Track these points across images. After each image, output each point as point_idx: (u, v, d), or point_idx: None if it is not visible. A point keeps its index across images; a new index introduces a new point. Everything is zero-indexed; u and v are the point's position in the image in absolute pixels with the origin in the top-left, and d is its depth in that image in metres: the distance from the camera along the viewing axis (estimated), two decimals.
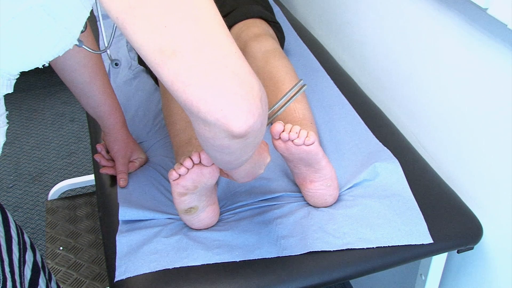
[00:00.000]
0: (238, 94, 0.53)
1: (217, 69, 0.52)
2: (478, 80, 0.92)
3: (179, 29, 0.51)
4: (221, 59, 0.52)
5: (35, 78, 2.75)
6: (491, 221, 0.95)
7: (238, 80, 0.53)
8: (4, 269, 0.77)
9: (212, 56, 0.52)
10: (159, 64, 0.52)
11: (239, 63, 0.54)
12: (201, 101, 0.52)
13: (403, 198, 0.96)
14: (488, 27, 0.86)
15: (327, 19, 1.54)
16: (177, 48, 0.51)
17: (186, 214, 0.89)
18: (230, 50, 0.53)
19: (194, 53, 0.51)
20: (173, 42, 0.51)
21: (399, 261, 0.89)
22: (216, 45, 0.52)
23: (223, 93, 0.52)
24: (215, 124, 0.54)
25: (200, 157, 0.82)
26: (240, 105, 0.53)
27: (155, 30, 0.50)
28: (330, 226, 0.91)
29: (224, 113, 0.53)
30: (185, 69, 0.51)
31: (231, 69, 0.53)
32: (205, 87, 0.52)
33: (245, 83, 0.54)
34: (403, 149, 1.10)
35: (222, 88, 0.52)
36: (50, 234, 1.63)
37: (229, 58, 0.53)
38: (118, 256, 0.88)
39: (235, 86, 0.53)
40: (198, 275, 0.84)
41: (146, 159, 1.09)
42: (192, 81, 0.51)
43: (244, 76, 0.54)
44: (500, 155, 0.90)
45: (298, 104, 1.08)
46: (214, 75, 0.52)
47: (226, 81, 0.52)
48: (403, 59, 1.15)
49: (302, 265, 0.86)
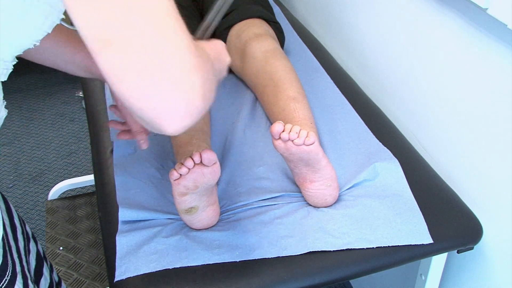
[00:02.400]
0: (174, 93, 0.49)
1: (154, 64, 0.48)
2: (478, 80, 0.92)
3: (119, 18, 0.47)
4: (160, 54, 0.48)
5: (35, 78, 2.75)
6: (491, 221, 0.95)
7: (177, 77, 0.49)
8: (13, 254, 0.78)
9: (151, 50, 0.47)
10: (96, 52, 0.48)
11: (182, 58, 0.49)
12: (134, 97, 0.48)
13: (403, 198, 0.96)
14: (488, 27, 0.86)
15: (327, 19, 1.54)
16: (113, 37, 0.47)
17: (186, 214, 0.89)
18: (173, 44, 0.49)
19: (131, 44, 0.47)
20: (111, 31, 0.47)
21: (399, 261, 0.89)
22: (158, 38, 0.48)
23: (158, 91, 0.48)
24: (148, 122, 0.51)
25: (201, 157, 0.82)
26: (175, 105, 0.49)
27: (94, 16, 0.47)
28: (330, 226, 0.91)
29: (158, 113, 0.49)
30: (120, 61, 0.47)
31: (170, 65, 0.48)
32: (139, 84, 0.48)
33: (185, 81, 0.49)
34: (403, 149, 1.10)
35: (158, 86, 0.48)
36: (50, 234, 1.63)
37: (171, 53, 0.48)
38: (118, 256, 0.87)
39: (173, 84, 0.48)
40: (198, 275, 0.84)
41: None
42: (126, 75, 0.48)
43: (186, 73, 0.49)
44: (500, 155, 0.90)
45: (298, 104, 1.08)
46: (150, 71, 0.47)
47: (163, 79, 0.48)
48: (403, 59, 1.15)
49: (302, 265, 0.86)
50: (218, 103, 1.26)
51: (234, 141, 1.12)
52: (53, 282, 0.98)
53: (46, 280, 0.94)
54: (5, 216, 0.83)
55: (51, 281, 0.97)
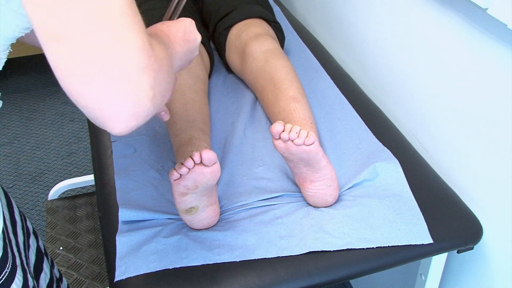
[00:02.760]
0: (121, 94, 0.47)
1: (102, 63, 0.46)
2: (478, 80, 0.92)
3: (69, 13, 0.45)
4: (109, 53, 0.46)
5: (35, 78, 2.75)
6: (491, 221, 0.95)
7: (125, 77, 0.47)
8: (13, 248, 0.78)
9: (99, 48, 0.45)
10: (44, 45, 0.46)
11: (132, 58, 0.47)
12: (79, 95, 0.47)
13: (403, 198, 0.96)
14: (488, 27, 0.86)
15: (327, 19, 1.54)
16: (61, 31, 0.45)
17: (186, 214, 0.89)
18: (124, 43, 0.46)
19: (79, 41, 0.45)
20: (59, 25, 0.45)
21: (399, 261, 0.89)
22: (107, 37, 0.46)
23: (104, 91, 0.46)
24: (94, 120, 0.49)
25: (202, 157, 0.82)
26: (122, 106, 0.47)
27: (45, 10, 0.45)
28: (330, 226, 0.91)
29: (103, 113, 0.48)
30: (67, 57, 0.46)
31: (119, 64, 0.46)
32: (85, 81, 0.46)
33: (133, 82, 0.47)
34: (403, 149, 1.10)
35: (104, 86, 0.46)
36: (50, 234, 1.63)
37: (120, 52, 0.46)
38: (118, 256, 0.88)
39: (120, 84, 0.46)
40: (198, 275, 0.84)
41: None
42: (72, 72, 0.46)
43: (134, 73, 0.47)
44: (500, 155, 0.90)
45: (298, 104, 1.08)
46: (97, 69, 0.46)
47: (110, 78, 0.46)
48: (403, 59, 1.15)
49: (302, 265, 0.86)
50: (218, 103, 1.26)
51: (234, 141, 1.12)
52: (54, 278, 0.98)
53: (46, 275, 0.95)
54: (6, 210, 0.83)
55: (51, 277, 0.97)
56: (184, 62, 0.74)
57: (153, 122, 1.21)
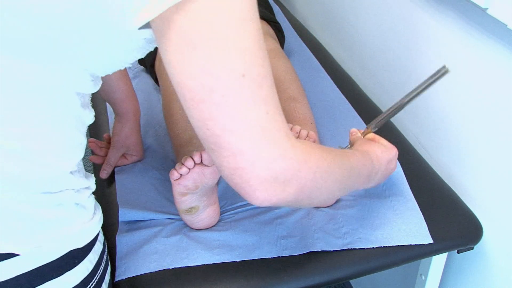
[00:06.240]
0: (255, 181, 0.55)
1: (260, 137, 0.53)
2: (478, 80, 0.92)
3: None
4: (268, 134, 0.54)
5: None
6: (491, 221, 0.95)
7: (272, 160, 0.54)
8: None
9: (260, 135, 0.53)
10: (198, 101, 0.51)
11: (279, 140, 0.54)
12: (226, 159, 0.54)
13: (403, 198, 0.96)
14: (488, 27, 0.86)
15: (327, 19, 1.54)
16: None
17: (186, 214, 0.89)
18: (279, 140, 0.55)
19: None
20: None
21: (399, 261, 0.89)
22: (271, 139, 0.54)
23: (247, 175, 0.54)
24: (235, 187, 0.57)
25: (202, 157, 0.82)
26: (256, 186, 0.55)
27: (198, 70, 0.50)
28: (330, 226, 0.91)
29: (242, 187, 0.56)
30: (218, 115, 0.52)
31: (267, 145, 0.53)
32: (235, 152, 0.53)
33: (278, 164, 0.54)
34: (403, 149, 1.10)
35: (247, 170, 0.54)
36: None
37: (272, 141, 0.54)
38: (118, 256, 0.88)
39: (262, 169, 0.54)
40: (198, 275, 0.84)
41: (140, 158, 1.09)
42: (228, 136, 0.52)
43: (280, 160, 0.54)
44: (500, 155, 0.90)
45: (298, 104, 1.08)
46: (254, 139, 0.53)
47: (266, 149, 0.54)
48: (403, 59, 1.15)
49: (302, 265, 0.86)
50: None
51: None
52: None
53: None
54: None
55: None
56: (368, 185, 0.83)
57: (154, 122, 1.21)
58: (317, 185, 0.61)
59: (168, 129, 1.10)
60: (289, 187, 0.57)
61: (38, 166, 0.59)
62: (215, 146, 0.54)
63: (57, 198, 0.62)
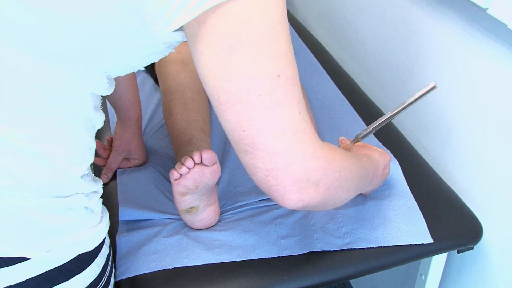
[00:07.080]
0: (289, 182, 0.55)
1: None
2: (478, 80, 0.92)
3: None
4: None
5: None
6: (491, 221, 0.95)
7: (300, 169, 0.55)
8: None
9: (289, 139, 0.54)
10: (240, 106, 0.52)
11: (307, 146, 0.56)
12: (260, 168, 0.55)
13: (403, 198, 0.96)
14: (488, 27, 0.86)
15: (327, 19, 1.54)
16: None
17: (186, 213, 0.89)
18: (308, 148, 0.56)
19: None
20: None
21: (399, 261, 0.89)
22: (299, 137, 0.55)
23: (280, 181, 0.55)
24: (268, 190, 0.57)
25: (202, 157, 0.82)
26: (290, 187, 0.56)
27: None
28: (330, 226, 0.91)
29: (276, 189, 0.56)
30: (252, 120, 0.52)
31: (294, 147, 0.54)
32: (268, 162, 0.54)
33: (305, 172, 0.56)
34: (404, 149, 1.10)
35: (281, 175, 0.55)
36: None
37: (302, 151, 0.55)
38: (118, 256, 0.88)
39: (291, 177, 0.55)
40: (198, 275, 0.84)
41: (144, 162, 1.09)
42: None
43: (309, 171, 0.56)
44: (500, 155, 0.90)
45: None
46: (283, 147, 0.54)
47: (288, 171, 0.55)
48: (403, 59, 1.15)
49: (302, 265, 0.86)
50: None
51: None
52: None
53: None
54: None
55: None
56: (368, 188, 0.89)
57: (154, 122, 1.21)
58: (341, 183, 0.62)
59: (168, 129, 1.10)
60: (319, 186, 0.58)
61: (50, 170, 0.59)
62: (250, 148, 0.54)
63: (67, 203, 0.62)
